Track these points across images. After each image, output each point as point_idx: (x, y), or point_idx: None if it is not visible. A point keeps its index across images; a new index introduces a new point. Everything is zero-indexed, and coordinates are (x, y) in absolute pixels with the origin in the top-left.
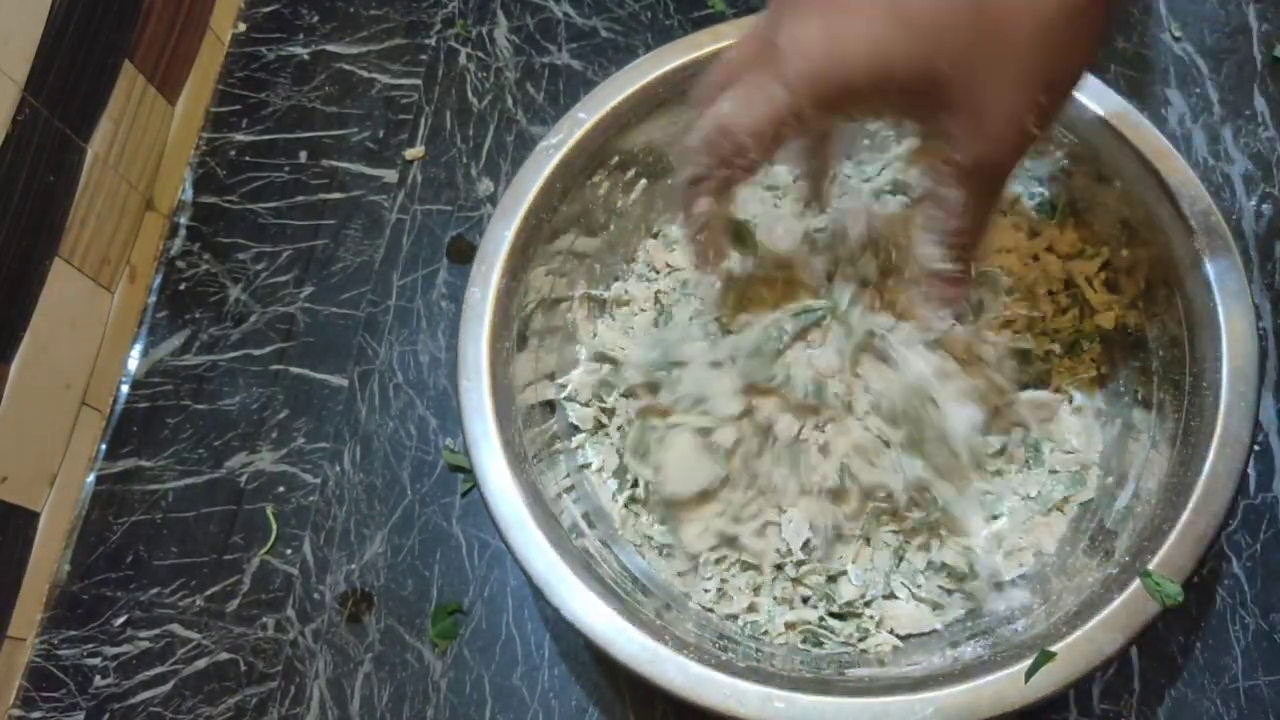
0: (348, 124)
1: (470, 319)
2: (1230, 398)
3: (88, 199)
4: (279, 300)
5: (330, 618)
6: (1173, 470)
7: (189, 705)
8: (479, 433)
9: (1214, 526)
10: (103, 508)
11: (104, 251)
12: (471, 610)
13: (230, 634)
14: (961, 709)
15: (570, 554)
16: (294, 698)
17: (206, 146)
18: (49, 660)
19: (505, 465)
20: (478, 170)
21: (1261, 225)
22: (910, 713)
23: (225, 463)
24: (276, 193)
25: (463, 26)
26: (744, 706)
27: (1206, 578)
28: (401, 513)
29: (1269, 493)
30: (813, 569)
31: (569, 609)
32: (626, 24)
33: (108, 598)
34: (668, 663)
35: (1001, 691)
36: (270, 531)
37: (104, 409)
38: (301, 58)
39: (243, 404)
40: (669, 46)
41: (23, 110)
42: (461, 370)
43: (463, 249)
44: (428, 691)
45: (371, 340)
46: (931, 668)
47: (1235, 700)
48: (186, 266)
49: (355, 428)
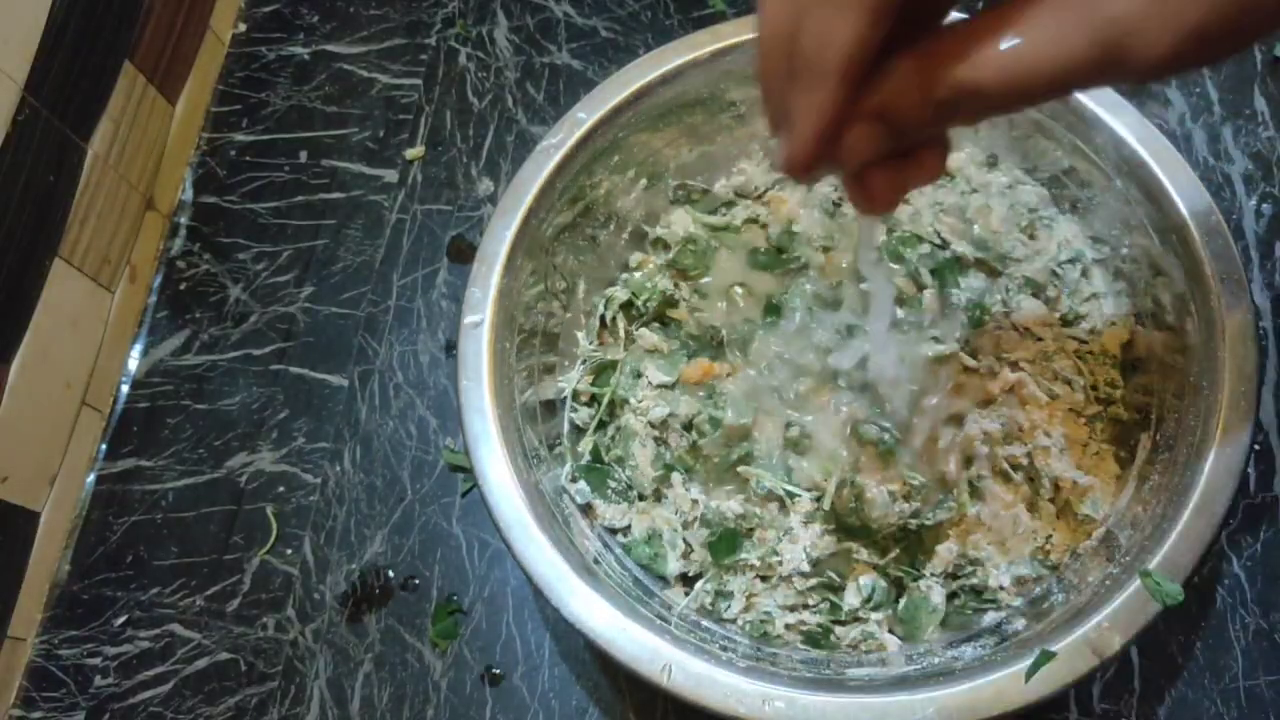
0: (348, 124)
1: (470, 319)
2: (1230, 397)
3: (88, 199)
4: (279, 300)
5: (330, 618)
6: (1173, 470)
7: (189, 705)
8: (479, 432)
9: (1214, 526)
10: (103, 508)
11: (104, 251)
12: (471, 610)
13: (230, 634)
14: (962, 709)
15: (570, 554)
16: (294, 698)
17: (206, 146)
18: (49, 660)
19: (505, 465)
20: (478, 170)
21: (1261, 225)
22: (910, 713)
23: (225, 463)
24: (276, 193)
25: (463, 26)
26: (744, 706)
27: (1206, 578)
28: (401, 513)
29: (1269, 493)
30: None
31: (569, 609)
32: (626, 24)
33: (108, 598)
34: (668, 662)
35: (1002, 691)
36: (270, 531)
37: (104, 409)
38: (301, 58)
39: (243, 404)
40: (669, 46)
41: (23, 110)
42: (462, 370)
43: (463, 249)
44: (428, 691)
45: (371, 340)
46: (931, 668)
47: (1235, 700)
48: (186, 266)
49: (355, 428)
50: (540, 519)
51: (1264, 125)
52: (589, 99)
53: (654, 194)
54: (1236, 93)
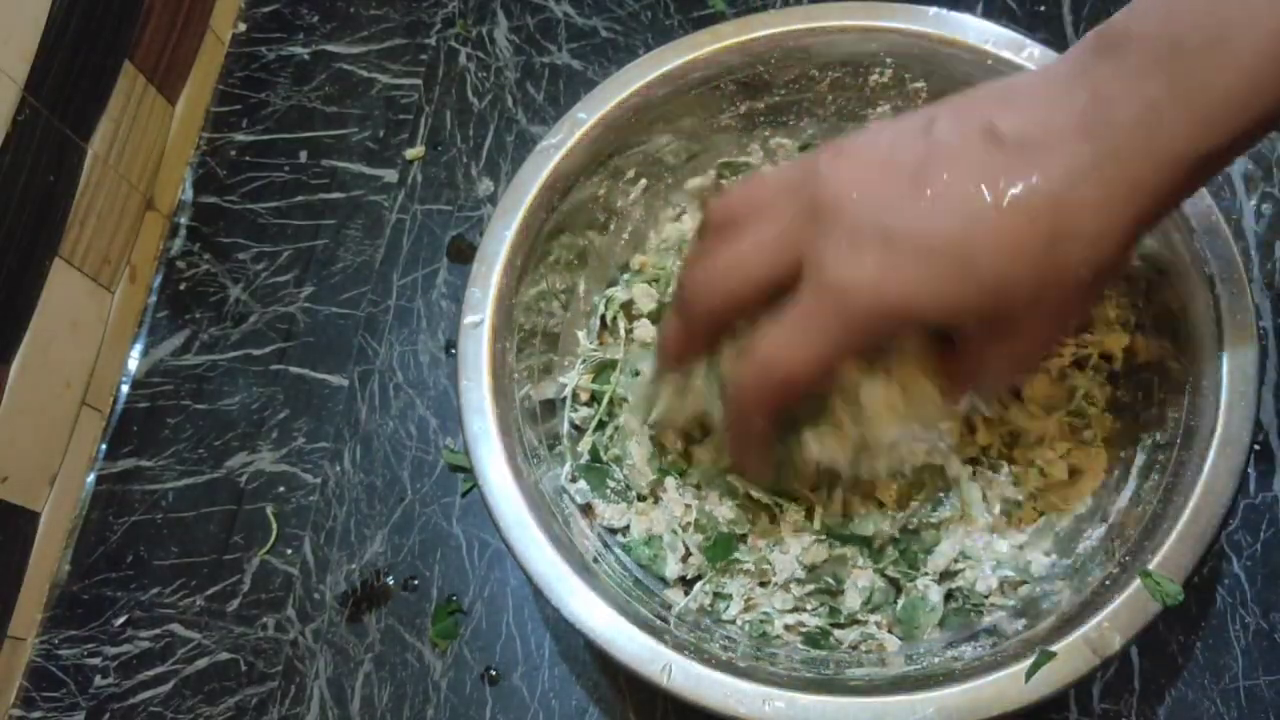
0: (348, 124)
1: (470, 319)
2: (1230, 397)
3: (88, 199)
4: (279, 300)
5: (330, 617)
6: (1173, 470)
7: (189, 705)
8: (479, 431)
9: (1214, 526)
10: (103, 508)
11: (104, 251)
12: (471, 610)
13: (230, 634)
14: (961, 709)
15: (570, 554)
16: (294, 698)
17: (206, 146)
18: (49, 660)
19: (505, 464)
20: (478, 170)
21: (1261, 225)
22: (910, 712)
23: (225, 463)
24: (276, 193)
25: (463, 26)
26: (744, 706)
27: (1206, 578)
28: (401, 513)
29: (1269, 492)
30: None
31: (569, 609)
32: (626, 24)
33: (108, 598)
34: (668, 662)
35: (1002, 691)
36: (270, 531)
37: (104, 409)
38: (301, 58)
39: (243, 404)
40: (669, 46)
41: (23, 110)
42: (462, 370)
43: (463, 249)
44: (428, 691)
45: (371, 340)
46: (931, 668)
47: (1235, 700)
48: (186, 266)
49: (355, 428)
50: (540, 519)
51: None
52: (589, 99)
53: (654, 194)
54: None
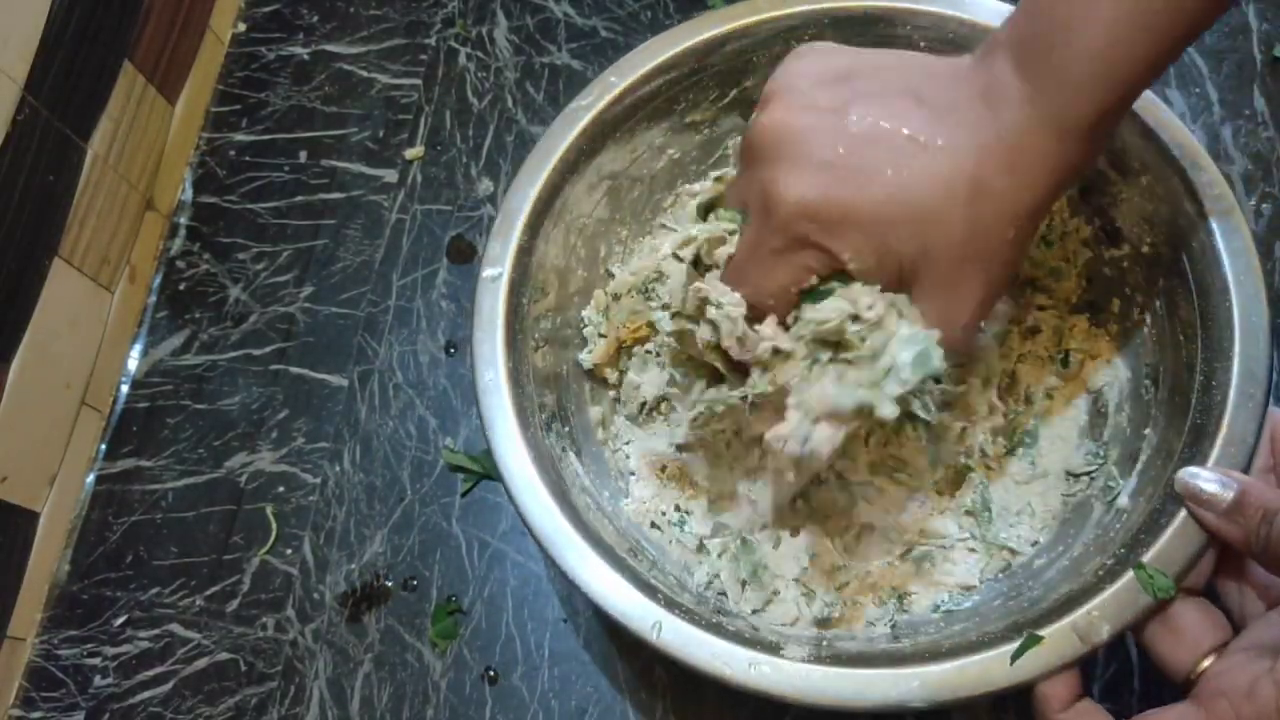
0: (348, 124)
1: (489, 273)
2: (1238, 398)
3: (88, 199)
4: (279, 300)
5: (330, 618)
6: (1176, 467)
7: (189, 705)
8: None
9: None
10: (103, 508)
11: (104, 251)
12: (471, 610)
13: (230, 634)
14: (946, 685)
15: (569, 509)
16: (294, 698)
17: (206, 146)
18: (49, 660)
19: (513, 420)
20: (477, 170)
21: (1261, 225)
22: (895, 685)
23: (225, 463)
24: (276, 193)
25: (463, 26)
26: (730, 668)
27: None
28: (401, 513)
29: None
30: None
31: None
32: (626, 24)
33: (108, 598)
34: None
35: (987, 670)
36: (270, 531)
37: (104, 409)
38: (301, 58)
39: (243, 404)
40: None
41: (23, 110)
42: (476, 323)
43: (462, 249)
44: (428, 691)
45: (371, 340)
46: (920, 645)
47: None
48: (186, 266)
49: (355, 428)
50: (544, 471)
51: (1264, 125)
52: (622, 63)
53: (680, 163)
54: (1236, 93)
